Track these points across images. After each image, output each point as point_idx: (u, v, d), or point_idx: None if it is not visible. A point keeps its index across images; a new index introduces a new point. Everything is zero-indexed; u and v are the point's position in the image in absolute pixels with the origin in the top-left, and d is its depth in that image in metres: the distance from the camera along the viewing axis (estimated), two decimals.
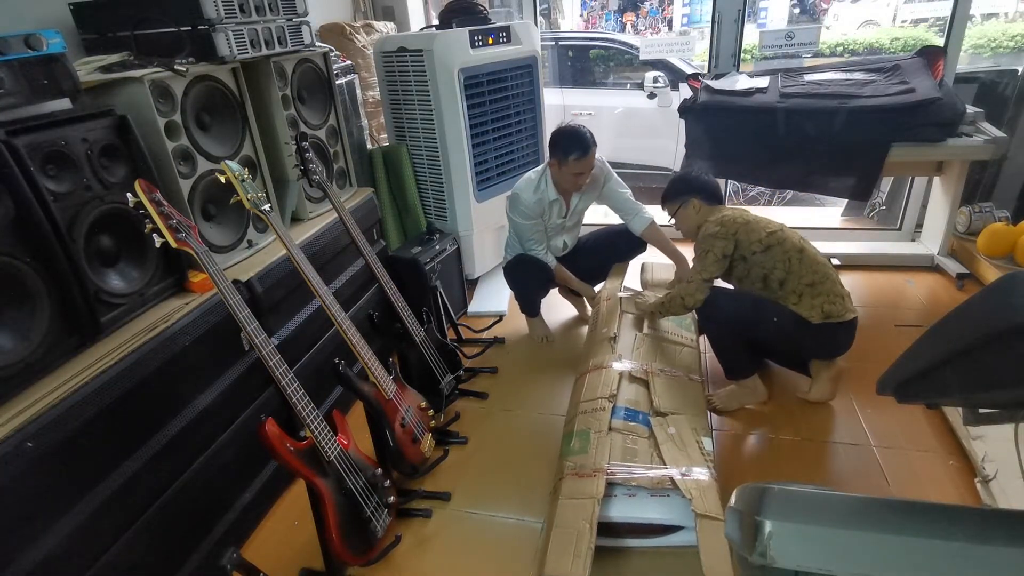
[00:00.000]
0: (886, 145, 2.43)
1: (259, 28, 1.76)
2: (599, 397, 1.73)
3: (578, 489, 1.48)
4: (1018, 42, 3.96)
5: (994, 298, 0.65)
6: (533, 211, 2.30)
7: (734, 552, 0.65)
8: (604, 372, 1.83)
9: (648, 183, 4.36)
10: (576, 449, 1.60)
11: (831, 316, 1.84)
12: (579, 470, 1.53)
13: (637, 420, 1.66)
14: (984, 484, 1.60)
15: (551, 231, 2.43)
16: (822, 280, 1.86)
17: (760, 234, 1.90)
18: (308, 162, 1.84)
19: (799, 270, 1.86)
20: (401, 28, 3.27)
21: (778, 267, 1.88)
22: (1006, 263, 2.66)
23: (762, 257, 1.89)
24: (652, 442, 1.59)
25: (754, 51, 3.34)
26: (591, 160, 2.18)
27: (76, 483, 1.22)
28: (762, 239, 1.89)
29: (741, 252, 1.92)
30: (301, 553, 1.61)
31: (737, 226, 1.92)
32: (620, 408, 1.69)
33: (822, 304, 1.84)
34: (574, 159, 2.15)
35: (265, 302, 1.71)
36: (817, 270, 1.87)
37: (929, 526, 0.60)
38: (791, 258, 1.87)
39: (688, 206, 2.07)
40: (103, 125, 1.39)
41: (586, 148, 2.14)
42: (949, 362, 0.73)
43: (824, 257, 1.92)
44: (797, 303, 1.86)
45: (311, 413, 1.39)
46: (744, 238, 1.90)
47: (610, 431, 1.61)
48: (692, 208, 2.06)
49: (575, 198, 2.38)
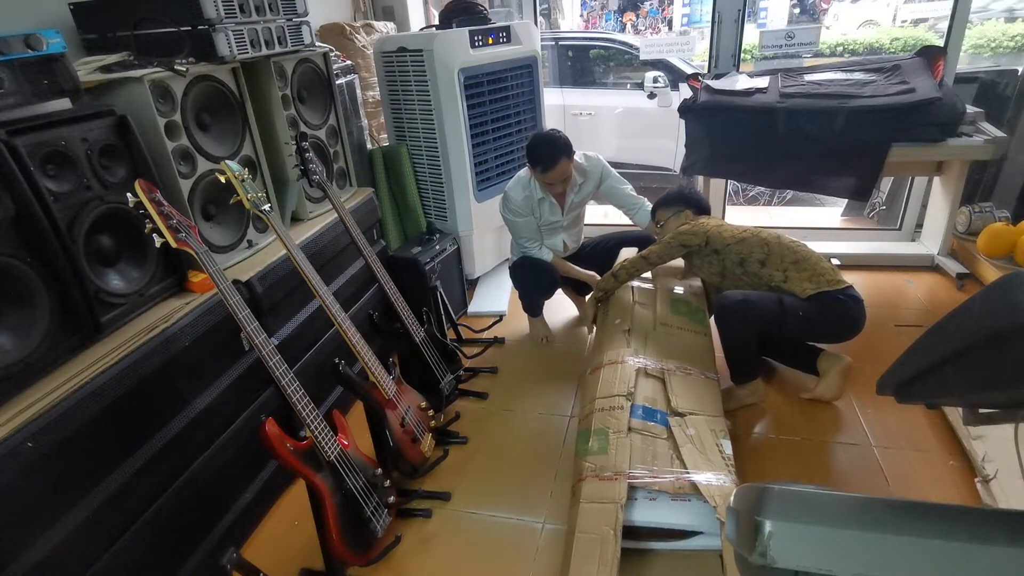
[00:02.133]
0: (886, 145, 2.43)
1: (259, 28, 1.76)
2: (616, 395, 1.70)
3: (599, 493, 1.46)
4: (1018, 42, 3.96)
5: (994, 298, 0.65)
6: (522, 208, 2.32)
7: (734, 552, 0.65)
8: (620, 368, 1.80)
9: (648, 183, 4.35)
10: (595, 449, 1.58)
11: (822, 286, 1.87)
12: (600, 472, 1.51)
13: (655, 420, 1.64)
14: (984, 484, 1.60)
15: (548, 229, 2.43)
16: (805, 258, 1.94)
17: (733, 231, 2.03)
18: (308, 162, 1.84)
19: (780, 251, 1.95)
20: (401, 28, 3.27)
21: (756, 251, 1.97)
22: (1006, 263, 2.66)
23: (737, 246, 1.99)
24: (671, 444, 1.57)
25: (754, 51, 3.34)
26: (560, 171, 2.17)
27: (76, 483, 1.22)
28: (735, 234, 2.02)
29: (713, 246, 2.03)
30: (301, 553, 1.61)
31: (708, 228, 2.06)
32: (638, 407, 1.67)
33: (810, 277, 1.90)
34: (539, 171, 2.18)
35: (265, 302, 1.71)
36: (798, 250, 1.95)
37: (929, 526, 0.60)
38: (769, 242, 1.97)
39: (680, 216, 2.21)
40: (103, 125, 1.39)
41: (550, 161, 2.13)
42: (949, 362, 0.73)
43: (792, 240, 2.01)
44: (784, 281, 1.92)
45: (311, 413, 1.39)
46: (716, 235, 2.03)
47: (629, 431, 1.59)
48: (683, 218, 2.20)
49: (570, 196, 2.37)
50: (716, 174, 2.90)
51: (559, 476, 1.83)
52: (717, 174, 2.90)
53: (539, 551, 1.59)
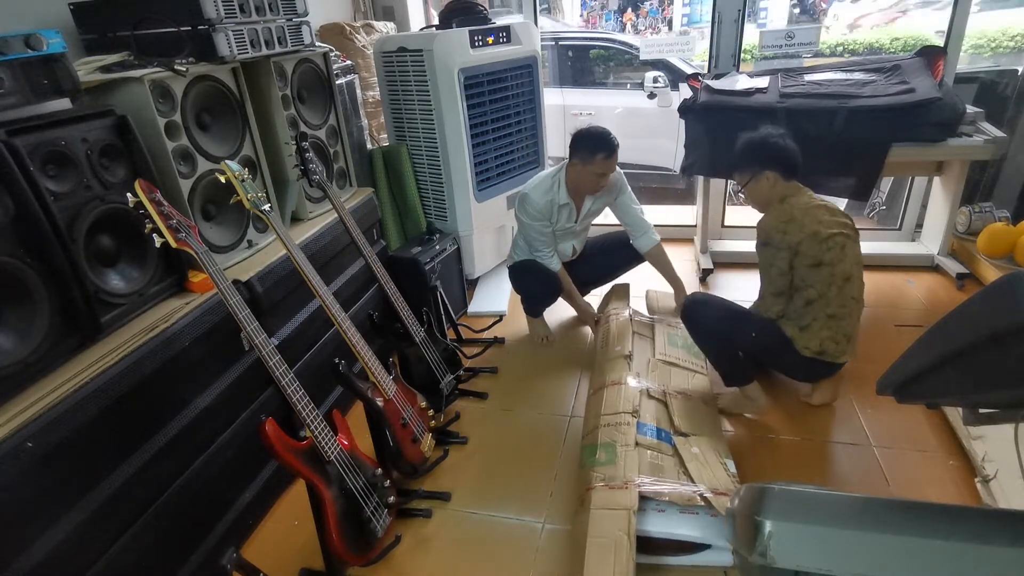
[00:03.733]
0: (886, 145, 2.43)
1: (259, 28, 1.76)
2: (621, 412, 1.73)
3: (610, 500, 1.47)
4: (1018, 42, 3.96)
5: (994, 298, 0.65)
6: (542, 213, 2.29)
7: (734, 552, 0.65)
8: (624, 388, 1.83)
9: (648, 183, 4.36)
10: (603, 460, 1.59)
11: (824, 354, 1.79)
12: (609, 482, 1.52)
13: (661, 438, 1.67)
14: (984, 484, 1.60)
15: (560, 235, 2.41)
16: (843, 316, 1.78)
17: (818, 248, 1.74)
18: (308, 162, 1.84)
19: (832, 298, 1.76)
20: (401, 28, 3.27)
21: (815, 287, 1.76)
22: (1006, 263, 2.66)
23: (806, 271, 1.77)
24: (677, 460, 1.60)
25: (754, 51, 3.34)
26: (615, 161, 2.19)
27: (76, 483, 1.22)
28: (818, 254, 1.74)
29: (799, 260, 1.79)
30: (301, 553, 1.61)
31: (803, 236, 1.74)
32: (643, 425, 1.69)
33: (824, 339, 1.78)
34: (602, 158, 2.15)
35: (265, 302, 1.71)
36: (845, 304, 1.77)
37: (929, 526, 0.60)
38: (833, 284, 1.76)
39: (761, 179, 1.83)
40: (103, 125, 1.39)
41: (612, 148, 2.16)
42: (949, 362, 0.73)
43: (860, 291, 1.82)
44: (805, 328, 1.79)
45: (311, 413, 1.39)
46: (804, 250, 1.75)
47: (636, 446, 1.60)
48: (765, 182, 1.83)
49: (587, 203, 2.37)
50: (716, 174, 2.90)
51: (559, 476, 1.83)
52: (717, 174, 2.90)
53: (539, 551, 1.59)
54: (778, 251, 1.77)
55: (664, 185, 4.39)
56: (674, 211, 3.85)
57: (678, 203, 4.08)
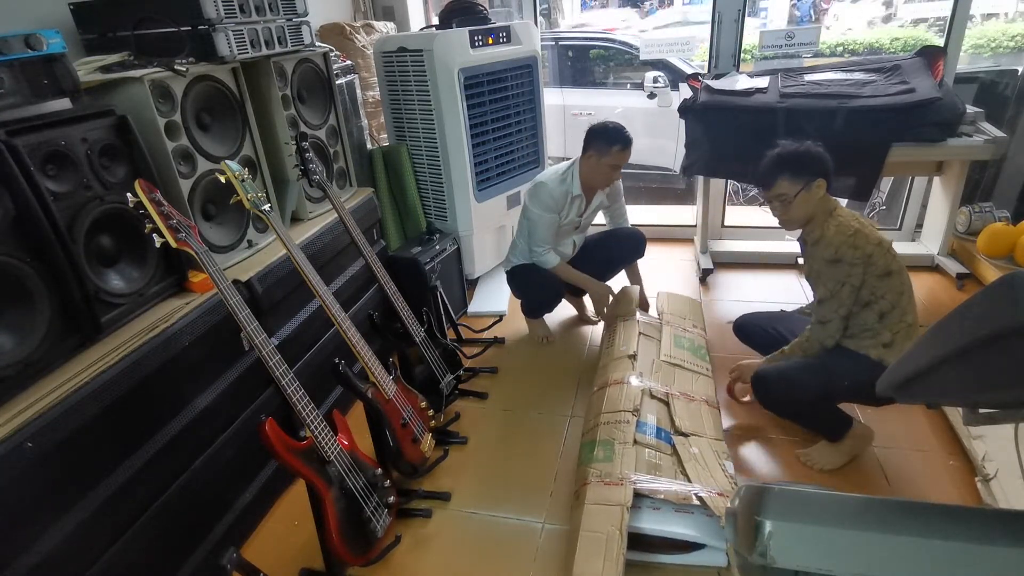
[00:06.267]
0: (886, 145, 2.43)
1: (259, 28, 1.76)
2: (622, 410, 1.73)
3: (604, 496, 1.47)
4: (1018, 42, 3.96)
5: (994, 298, 0.64)
6: (557, 203, 2.29)
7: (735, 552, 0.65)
8: (625, 387, 1.83)
9: (648, 183, 4.36)
10: (600, 457, 1.60)
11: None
12: (605, 478, 1.52)
13: (660, 437, 1.67)
14: (984, 484, 1.60)
15: (565, 228, 2.41)
16: (918, 325, 1.66)
17: (886, 256, 1.63)
18: (308, 162, 1.84)
19: (907, 306, 1.64)
20: (401, 28, 3.27)
21: (888, 296, 1.63)
22: (1006, 263, 2.66)
23: (877, 282, 1.63)
24: (676, 459, 1.60)
25: (754, 51, 3.34)
26: (628, 154, 2.24)
27: (76, 483, 1.22)
28: (887, 263, 1.63)
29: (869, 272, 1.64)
30: (301, 553, 1.61)
31: (871, 247, 1.61)
32: (643, 423, 1.69)
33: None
34: (617, 150, 2.20)
35: (265, 302, 1.71)
36: (914, 311, 1.66)
37: (929, 526, 0.60)
38: (904, 292, 1.64)
39: (813, 188, 1.67)
40: (103, 125, 1.39)
41: (628, 141, 2.21)
42: (949, 362, 0.73)
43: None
44: (889, 345, 1.64)
45: (311, 413, 1.39)
46: (875, 260, 1.62)
47: (635, 443, 1.61)
48: (816, 191, 1.67)
49: (596, 197, 2.42)
50: (716, 174, 2.90)
51: (559, 476, 1.83)
52: (717, 174, 2.90)
53: (539, 551, 1.59)
54: (852, 267, 1.62)
55: (664, 185, 4.39)
56: (674, 211, 3.84)
57: (678, 203, 4.08)
